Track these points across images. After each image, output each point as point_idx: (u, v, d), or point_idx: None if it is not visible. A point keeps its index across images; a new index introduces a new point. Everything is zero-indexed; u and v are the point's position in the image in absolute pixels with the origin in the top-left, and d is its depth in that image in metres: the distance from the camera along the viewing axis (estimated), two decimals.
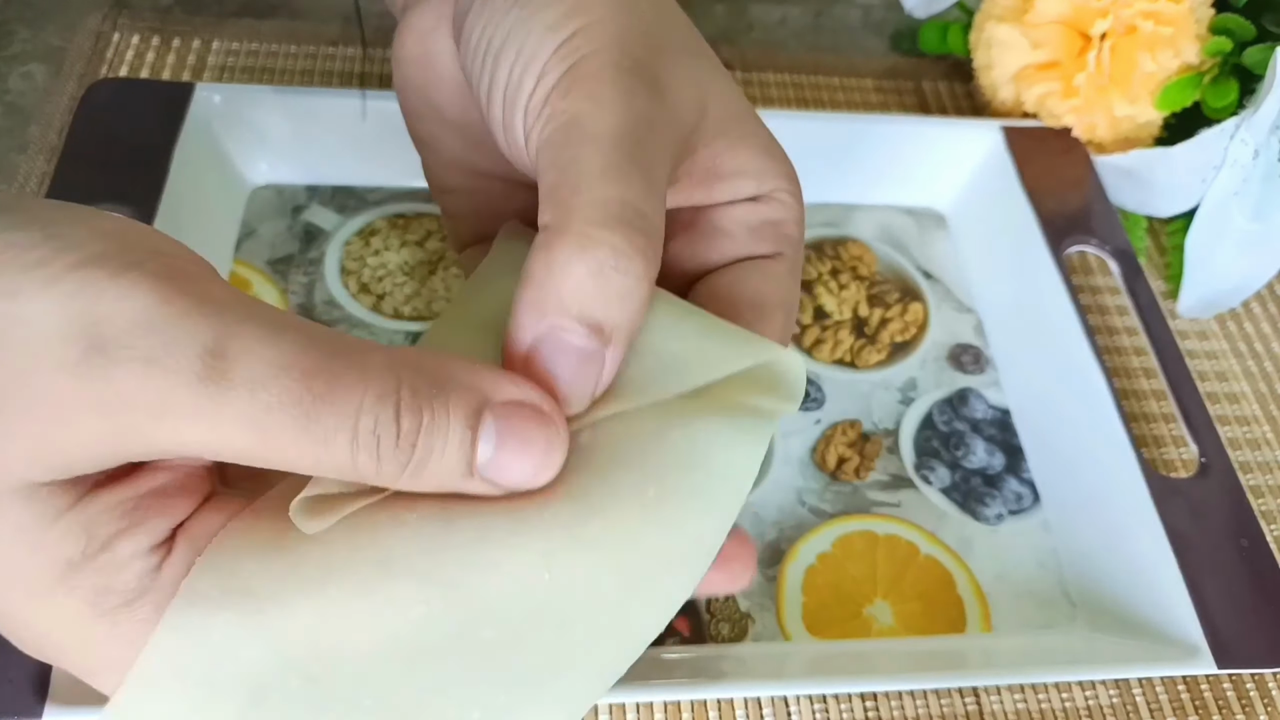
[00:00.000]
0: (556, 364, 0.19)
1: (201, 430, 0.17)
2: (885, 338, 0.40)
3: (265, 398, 0.16)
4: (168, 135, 0.36)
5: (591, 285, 0.18)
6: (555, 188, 0.19)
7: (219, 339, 0.17)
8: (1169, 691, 0.33)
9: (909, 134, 0.43)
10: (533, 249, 0.19)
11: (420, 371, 0.18)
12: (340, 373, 0.17)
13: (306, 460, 0.17)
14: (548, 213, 0.19)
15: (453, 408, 0.18)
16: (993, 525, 0.36)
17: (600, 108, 0.19)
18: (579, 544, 0.18)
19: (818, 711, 0.31)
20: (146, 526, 0.18)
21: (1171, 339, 0.37)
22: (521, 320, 0.19)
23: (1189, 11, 0.41)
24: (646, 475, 0.19)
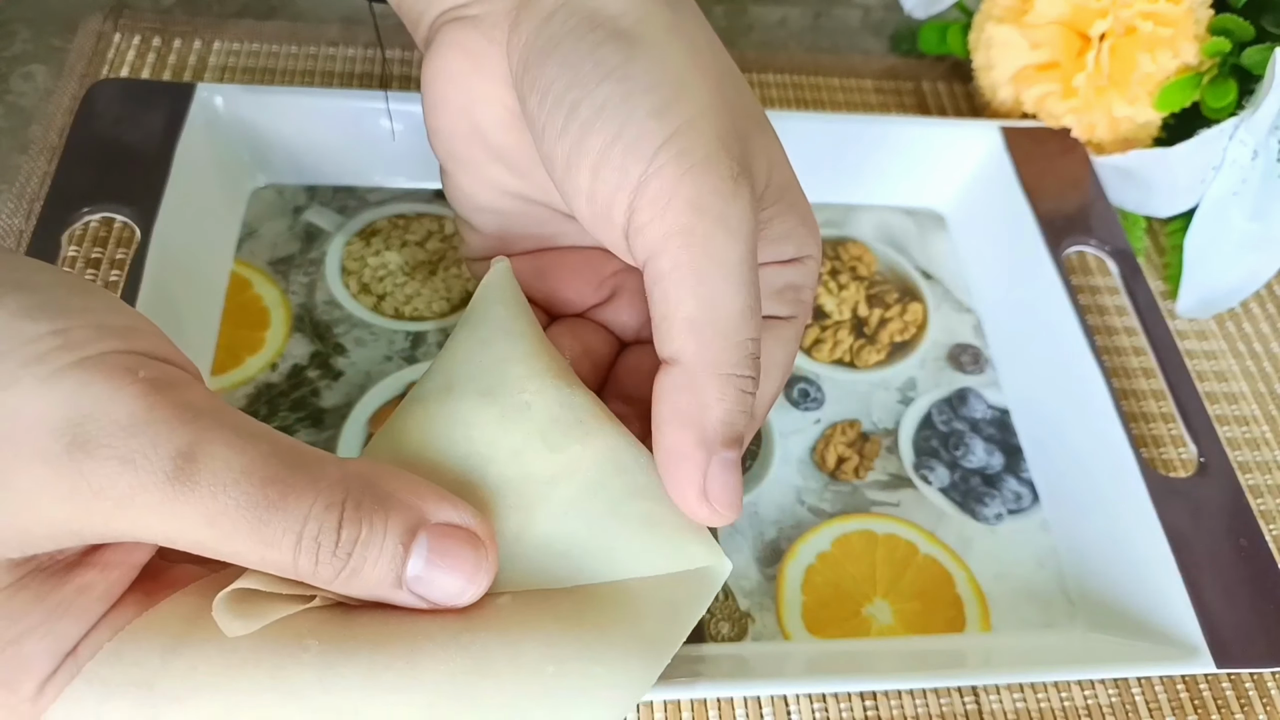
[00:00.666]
0: (726, 485, 0.21)
1: (162, 522, 0.18)
2: (884, 338, 0.40)
3: (224, 500, 0.18)
4: (169, 136, 0.36)
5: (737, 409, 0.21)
6: (695, 323, 0.21)
7: (191, 444, 0.18)
8: (1168, 691, 0.33)
9: (908, 134, 0.43)
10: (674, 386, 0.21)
11: (368, 487, 0.19)
12: (295, 482, 0.18)
13: (253, 557, 0.19)
14: (689, 346, 0.21)
15: (390, 524, 0.19)
16: (992, 525, 0.36)
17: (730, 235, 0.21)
18: (465, 703, 0.19)
19: (817, 710, 0.31)
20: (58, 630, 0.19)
21: (1170, 339, 0.38)
22: (693, 458, 0.21)
23: (1188, 12, 0.41)
24: (550, 653, 0.20)
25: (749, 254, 0.21)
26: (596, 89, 0.21)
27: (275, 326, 0.36)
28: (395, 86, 0.44)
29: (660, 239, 0.21)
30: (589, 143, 0.22)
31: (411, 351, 0.36)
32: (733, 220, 0.21)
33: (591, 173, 0.22)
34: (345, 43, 0.45)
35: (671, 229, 0.21)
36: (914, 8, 0.49)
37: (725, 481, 0.21)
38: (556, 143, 0.22)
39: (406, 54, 0.46)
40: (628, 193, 0.21)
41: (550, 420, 0.23)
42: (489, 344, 0.24)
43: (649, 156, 0.21)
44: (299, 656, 0.19)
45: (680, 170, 0.21)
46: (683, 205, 0.21)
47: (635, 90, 0.21)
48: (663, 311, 0.21)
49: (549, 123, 0.22)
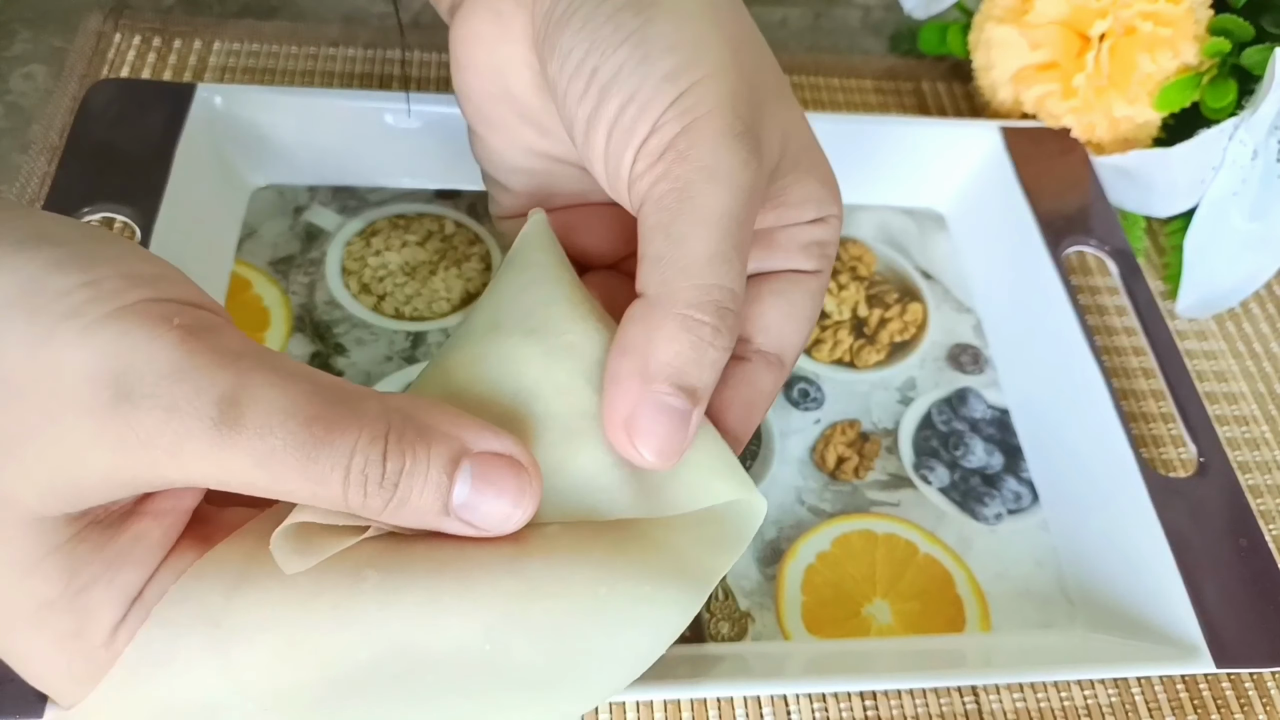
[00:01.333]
0: (657, 423, 0.21)
1: (211, 466, 0.18)
2: (884, 338, 0.40)
3: (272, 441, 0.18)
4: (169, 136, 0.36)
5: (690, 355, 0.21)
6: (661, 260, 0.21)
7: (234, 388, 0.18)
8: (1168, 691, 0.33)
9: (908, 134, 0.43)
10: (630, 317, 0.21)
11: (409, 420, 0.20)
12: (338, 419, 0.19)
13: (304, 493, 0.19)
14: (652, 282, 0.21)
15: (433, 453, 0.19)
16: (992, 525, 0.36)
17: (714, 183, 0.21)
18: (521, 624, 0.20)
19: (817, 710, 0.31)
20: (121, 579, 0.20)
21: (1170, 339, 0.38)
22: (624, 385, 0.21)
23: (1188, 12, 0.41)
24: (601, 575, 0.21)
25: (736, 207, 0.21)
26: (614, 53, 0.22)
27: (276, 327, 0.36)
28: (395, 86, 0.44)
29: (649, 185, 0.21)
30: (606, 106, 0.22)
31: (412, 351, 0.36)
32: (720, 170, 0.21)
33: (607, 134, 0.22)
34: (345, 43, 0.45)
35: (659, 175, 0.21)
36: (914, 8, 0.49)
37: (656, 423, 0.21)
38: (576, 107, 0.23)
39: (406, 54, 0.46)
40: (633, 150, 0.22)
41: (594, 361, 0.23)
42: (531, 287, 0.25)
43: (656, 118, 0.21)
44: (358, 587, 0.20)
45: (680, 125, 0.21)
46: (674, 155, 0.21)
47: (651, 54, 0.22)
48: (641, 253, 0.22)
49: (569, 88, 0.23)
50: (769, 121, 0.23)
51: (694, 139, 0.21)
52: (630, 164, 0.22)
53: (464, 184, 0.41)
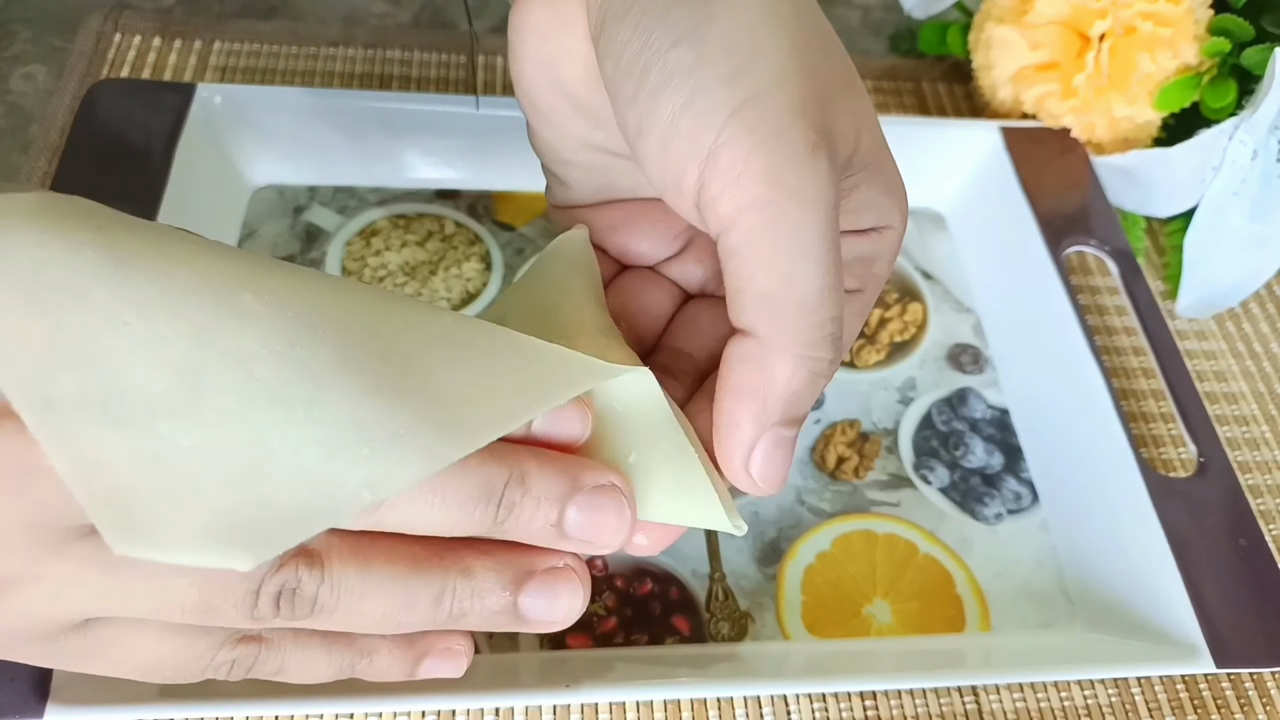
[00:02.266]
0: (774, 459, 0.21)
1: None
2: (884, 338, 0.40)
3: None
4: (169, 136, 0.36)
5: (806, 389, 0.21)
6: (768, 298, 0.20)
7: None
8: (1168, 691, 0.33)
9: (908, 134, 0.43)
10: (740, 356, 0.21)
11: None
12: None
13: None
14: (761, 321, 0.20)
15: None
16: (991, 525, 0.36)
17: (806, 209, 0.20)
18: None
19: (817, 710, 0.31)
20: None
21: (1170, 339, 0.38)
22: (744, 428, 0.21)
23: (1188, 12, 0.41)
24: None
25: (828, 228, 0.20)
26: (667, 54, 0.21)
27: None
28: (395, 86, 0.44)
29: (733, 212, 0.20)
30: (659, 110, 0.21)
31: None
32: (809, 193, 0.20)
33: (661, 141, 0.21)
34: (345, 43, 0.45)
35: (744, 202, 0.20)
36: (914, 8, 0.49)
37: (774, 457, 0.21)
38: (628, 109, 0.22)
39: (406, 54, 0.46)
40: (698, 163, 0.21)
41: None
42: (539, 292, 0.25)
43: (719, 126, 0.20)
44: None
45: (752, 141, 0.20)
46: (755, 177, 0.20)
47: (706, 55, 0.21)
48: (737, 285, 0.21)
49: (621, 88, 0.22)
50: (841, 118, 0.22)
51: (773, 158, 0.20)
52: (696, 179, 0.21)
53: (464, 184, 0.41)
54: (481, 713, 0.30)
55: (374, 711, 0.28)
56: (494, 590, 0.20)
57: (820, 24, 0.23)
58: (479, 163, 0.41)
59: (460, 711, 0.30)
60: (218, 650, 0.20)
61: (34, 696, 0.25)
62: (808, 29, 0.22)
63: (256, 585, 0.19)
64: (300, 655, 0.21)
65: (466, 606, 0.20)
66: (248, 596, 0.19)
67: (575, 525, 0.20)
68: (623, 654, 0.31)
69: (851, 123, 0.22)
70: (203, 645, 0.20)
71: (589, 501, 0.21)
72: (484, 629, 0.21)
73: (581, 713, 0.30)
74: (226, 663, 0.20)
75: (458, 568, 0.20)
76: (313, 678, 0.21)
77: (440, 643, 0.22)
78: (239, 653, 0.20)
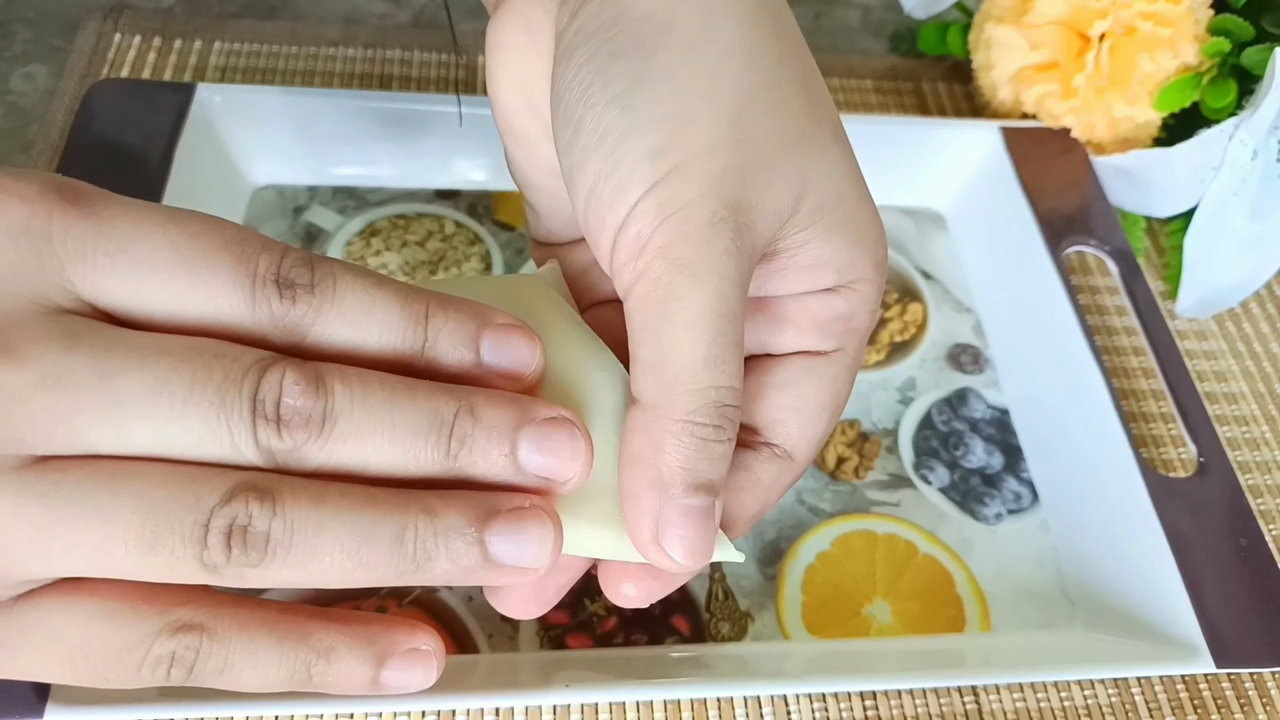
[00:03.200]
0: (685, 528, 0.20)
1: None
2: (884, 338, 0.40)
3: None
4: (169, 136, 0.36)
5: (698, 456, 0.20)
6: (654, 368, 0.20)
7: None
8: (1168, 691, 0.33)
9: (908, 135, 0.43)
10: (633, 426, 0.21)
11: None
12: None
13: None
14: (649, 390, 0.20)
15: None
16: (991, 525, 0.36)
17: (697, 283, 0.20)
18: None
19: (817, 710, 0.31)
20: None
21: (1170, 339, 0.38)
22: (643, 499, 0.21)
23: (1188, 12, 0.41)
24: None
25: (722, 303, 0.20)
26: (601, 112, 0.21)
27: None
28: (395, 86, 0.44)
29: (631, 281, 0.21)
30: (585, 170, 0.21)
31: None
32: (701, 268, 0.20)
33: (585, 200, 0.22)
34: (345, 43, 0.45)
35: (640, 273, 0.20)
36: (914, 8, 0.49)
37: (684, 528, 0.20)
38: (564, 155, 0.22)
39: (406, 54, 0.46)
40: (610, 233, 0.21)
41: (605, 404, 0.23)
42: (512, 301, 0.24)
43: (631, 203, 0.20)
44: None
45: (659, 218, 0.20)
46: (654, 252, 0.20)
47: (635, 126, 0.21)
48: (631, 352, 0.21)
49: (560, 132, 0.22)
50: (774, 180, 0.21)
51: (672, 234, 0.20)
52: (610, 247, 0.21)
53: (464, 184, 0.41)
54: (481, 713, 0.30)
55: (374, 712, 0.28)
56: (459, 528, 0.19)
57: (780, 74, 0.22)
58: (479, 163, 0.41)
59: (460, 711, 0.30)
60: (155, 638, 0.19)
61: (34, 696, 0.25)
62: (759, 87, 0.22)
63: (206, 517, 0.18)
64: (248, 649, 0.19)
65: (431, 548, 0.19)
66: (196, 530, 0.18)
67: (531, 457, 0.20)
68: (623, 654, 0.31)
69: (792, 183, 0.22)
70: (138, 630, 0.19)
71: (541, 431, 0.20)
72: (453, 580, 0.20)
73: (581, 713, 0.30)
74: (165, 657, 0.19)
75: (418, 506, 0.19)
76: (264, 682, 0.20)
77: (405, 640, 0.21)
78: (178, 644, 0.19)
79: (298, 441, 0.19)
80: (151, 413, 0.18)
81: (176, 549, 0.18)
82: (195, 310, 0.19)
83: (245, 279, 0.19)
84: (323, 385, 0.19)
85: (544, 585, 0.23)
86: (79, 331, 0.18)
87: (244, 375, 0.18)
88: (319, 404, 0.19)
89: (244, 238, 0.20)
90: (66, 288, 0.19)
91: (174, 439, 0.18)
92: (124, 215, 0.19)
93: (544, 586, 0.23)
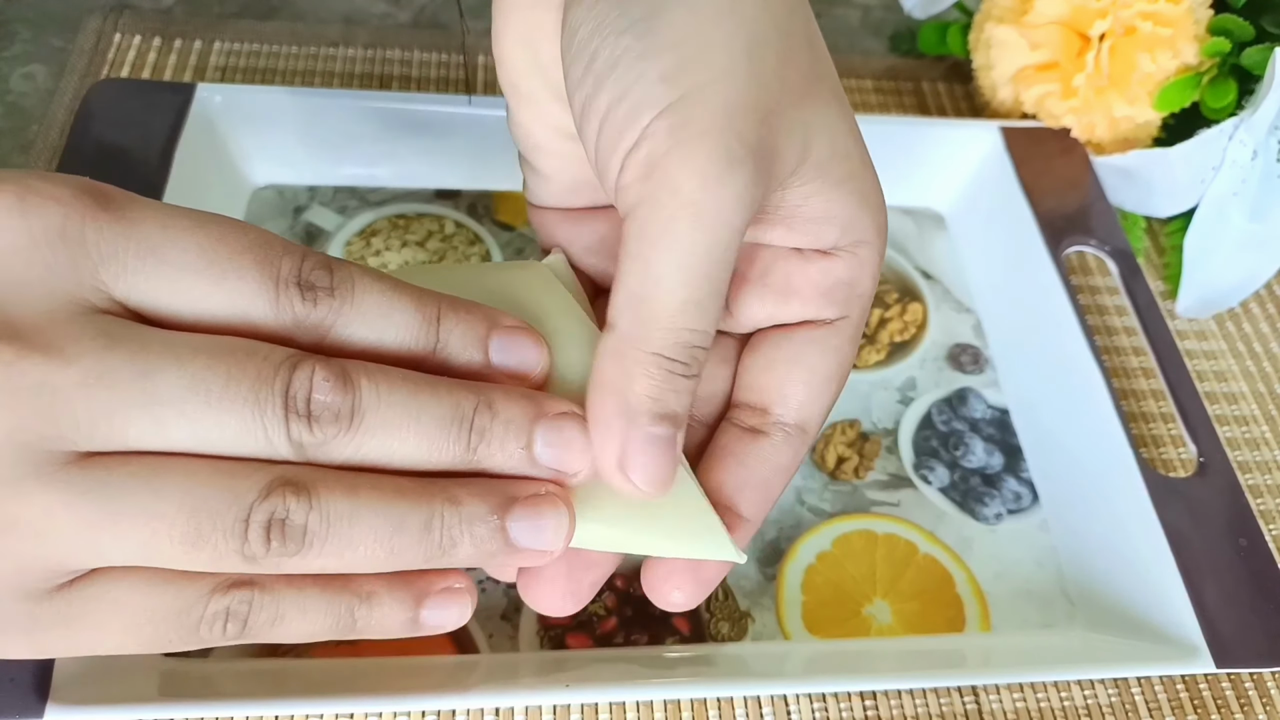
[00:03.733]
0: (648, 455, 0.21)
1: None
2: (884, 337, 0.40)
3: None
4: (169, 136, 0.36)
5: (665, 388, 0.21)
6: (636, 298, 0.20)
7: None
8: (1168, 691, 0.33)
9: (908, 135, 0.43)
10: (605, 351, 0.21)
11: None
12: None
13: None
14: (625, 318, 0.21)
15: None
16: (991, 525, 0.36)
17: (698, 224, 0.20)
18: None
19: (817, 710, 0.31)
20: None
21: (1170, 339, 0.38)
22: (611, 425, 0.21)
23: (1188, 12, 0.41)
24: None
25: (715, 246, 0.20)
26: (616, 40, 0.21)
27: None
28: (395, 86, 0.44)
29: (633, 203, 0.20)
30: (599, 98, 0.21)
31: None
32: (707, 209, 0.20)
33: (598, 127, 0.21)
34: (345, 43, 0.45)
35: (644, 196, 0.20)
36: (914, 8, 0.49)
37: (647, 456, 0.21)
38: (576, 90, 0.22)
39: (406, 54, 0.46)
40: (621, 155, 0.21)
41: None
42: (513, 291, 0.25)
43: (645, 124, 0.20)
44: None
45: (672, 140, 0.20)
46: (661, 178, 0.20)
47: (652, 49, 0.20)
48: (617, 275, 0.21)
49: (571, 68, 0.22)
50: (786, 128, 0.21)
51: (683, 161, 0.20)
52: (618, 170, 0.21)
53: (464, 184, 0.41)
54: (481, 713, 0.30)
55: (374, 711, 0.28)
56: (481, 516, 0.20)
57: (792, 23, 0.22)
58: (479, 163, 0.41)
59: (460, 711, 0.30)
60: (210, 596, 0.20)
61: (34, 696, 0.25)
62: (772, 27, 0.22)
63: (246, 512, 0.19)
64: (297, 601, 0.20)
65: (456, 535, 0.20)
66: (237, 525, 0.19)
67: (545, 450, 0.21)
68: (623, 654, 0.31)
69: (802, 131, 0.22)
70: (194, 591, 0.20)
71: (555, 425, 0.21)
72: (477, 563, 0.21)
73: (581, 712, 0.30)
74: (221, 613, 0.20)
75: (443, 496, 0.20)
76: (312, 630, 0.21)
77: (440, 581, 0.22)
78: (233, 600, 0.20)
79: (328, 435, 0.19)
80: (189, 409, 0.19)
81: (219, 544, 0.19)
82: (222, 310, 0.20)
83: (269, 281, 0.20)
84: (350, 381, 0.19)
85: (579, 582, 0.23)
86: (116, 331, 0.19)
87: (275, 372, 0.19)
88: (347, 399, 0.19)
89: (266, 241, 0.20)
90: (100, 288, 0.19)
91: (210, 434, 0.19)
92: (152, 218, 0.20)
93: (578, 583, 0.23)
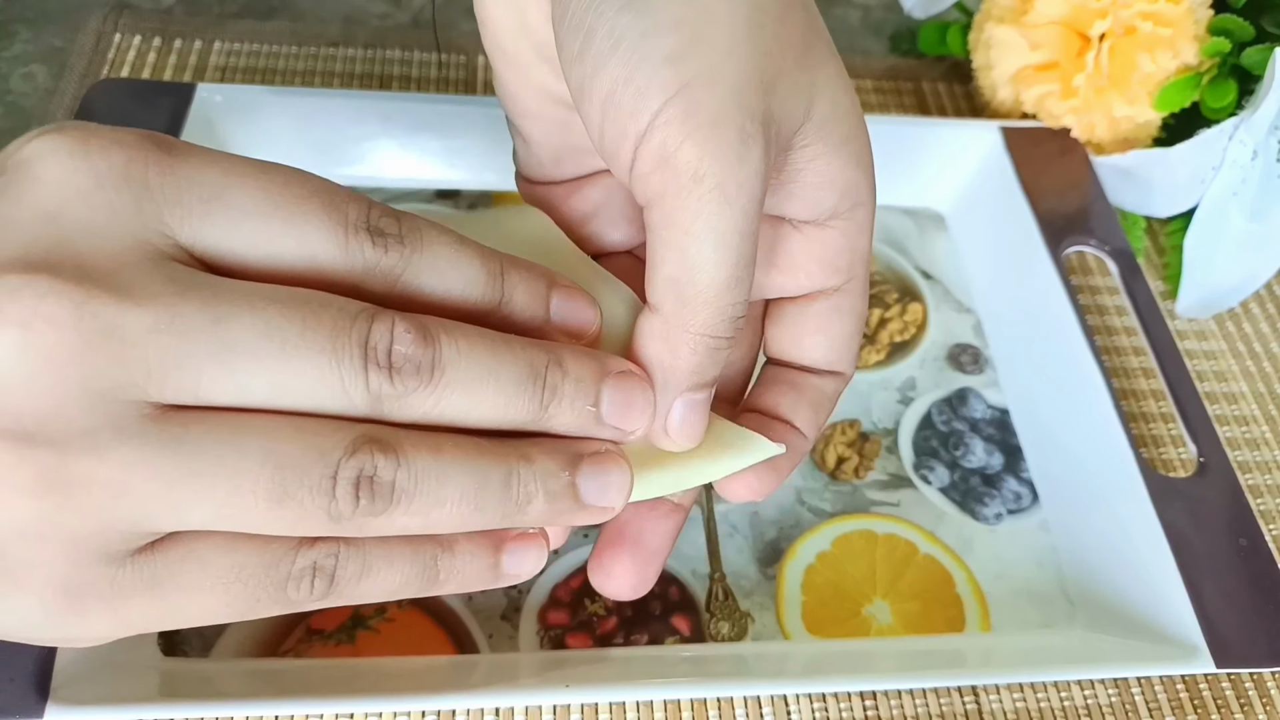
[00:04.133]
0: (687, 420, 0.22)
1: None
2: (884, 338, 0.40)
3: None
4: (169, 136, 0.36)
5: (708, 362, 0.22)
6: (676, 283, 0.21)
7: None
8: (1168, 691, 0.33)
9: (908, 135, 0.43)
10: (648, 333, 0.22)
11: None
12: None
13: None
14: (668, 301, 0.21)
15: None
16: (991, 525, 0.36)
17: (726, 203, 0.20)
18: None
19: (817, 710, 0.31)
20: None
21: (1170, 339, 0.38)
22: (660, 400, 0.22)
23: (1188, 12, 0.41)
24: None
25: (744, 221, 0.21)
26: (614, 18, 0.20)
27: None
28: (395, 86, 0.44)
29: (657, 193, 0.21)
30: (600, 78, 0.21)
31: None
32: (731, 187, 0.20)
33: (601, 110, 0.21)
34: (345, 43, 0.45)
35: (668, 186, 0.20)
36: (914, 8, 0.49)
37: (688, 419, 0.22)
38: (572, 66, 0.22)
39: (406, 54, 0.46)
40: (633, 141, 0.21)
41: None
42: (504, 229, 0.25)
43: (655, 109, 0.20)
44: None
45: (686, 129, 0.20)
46: (682, 164, 0.20)
47: (653, 28, 0.20)
48: (651, 261, 0.21)
49: (567, 43, 0.22)
50: (789, 90, 0.22)
51: (703, 148, 0.20)
52: (631, 153, 0.21)
53: (464, 184, 0.41)
54: (481, 713, 0.30)
55: (374, 711, 0.28)
56: (554, 472, 0.21)
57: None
58: (479, 163, 0.41)
59: (460, 711, 0.30)
60: (297, 551, 0.19)
61: (34, 696, 0.25)
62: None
63: (333, 469, 0.18)
64: (381, 549, 0.20)
65: (532, 490, 0.20)
66: (324, 481, 0.18)
67: (610, 409, 0.21)
68: (623, 654, 0.31)
69: (803, 94, 0.22)
70: (280, 546, 0.19)
71: (619, 383, 0.22)
72: (545, 521, 0.21)
73: (581, 712, 0.30)
74: (308, 569, 0.19)
75: (517, 453, 0.20)
76: (398, 583, 0.21)
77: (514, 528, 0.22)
78: (319, 554, 0.19)
79: (408, 388, 0.19)
80: (265, 357, 0.18)
81: (305, 501, 0.18)
82: (290, 256, 0.19)
83: (338, 226, 0.19)
84: (430, 335, 0.19)
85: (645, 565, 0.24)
86: (186, 278, 0.18)
87: (352, 323, 0.19)
88: (428, 352, 0.19)
89: (330, 188, 0.20)
90: (166, 233, 0.19)
91: (285, 384, 0.18)
92: (215, 164, 0.20)
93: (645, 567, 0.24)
